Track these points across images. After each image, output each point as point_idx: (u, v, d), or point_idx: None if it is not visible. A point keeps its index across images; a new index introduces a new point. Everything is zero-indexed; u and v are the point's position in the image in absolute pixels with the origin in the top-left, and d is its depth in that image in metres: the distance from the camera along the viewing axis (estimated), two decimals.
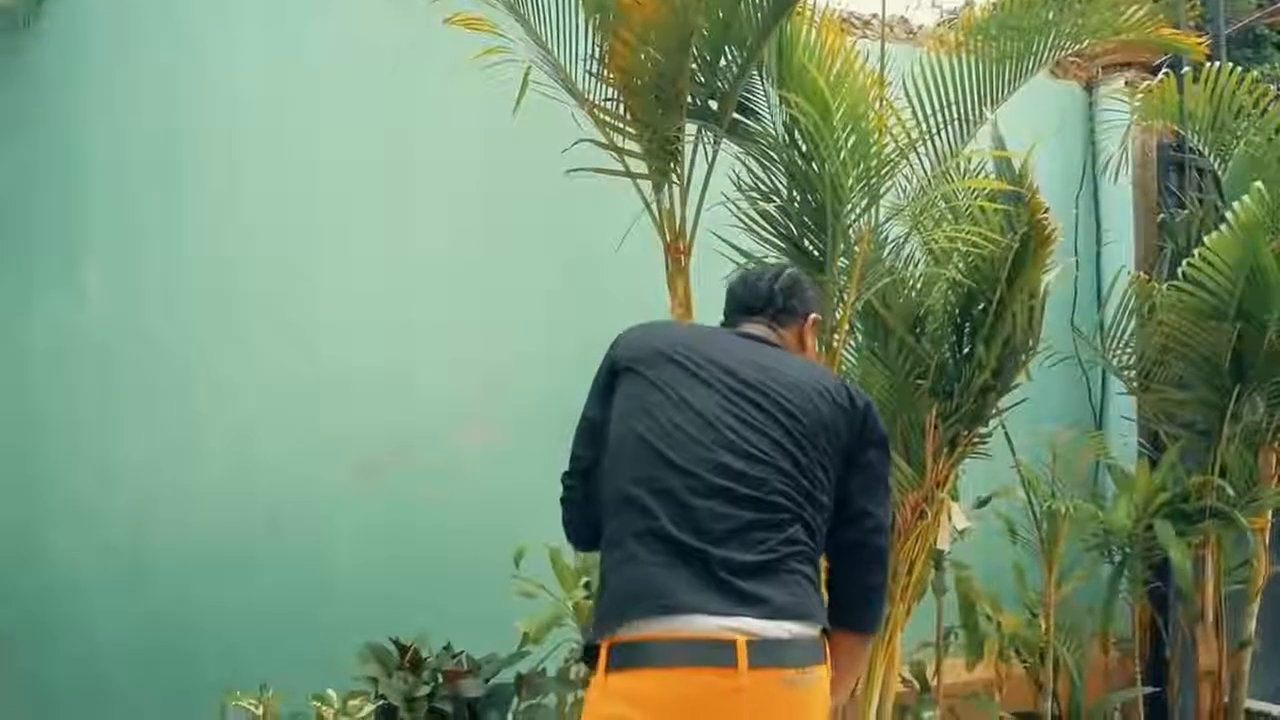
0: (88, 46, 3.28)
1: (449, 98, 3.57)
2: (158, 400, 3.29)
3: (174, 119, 3.35)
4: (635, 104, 2.93)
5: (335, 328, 3.50)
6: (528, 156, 3.48)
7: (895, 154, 3.10)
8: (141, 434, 3.26)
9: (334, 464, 3.45)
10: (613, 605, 1.61)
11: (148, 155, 3.32)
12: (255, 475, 3.36)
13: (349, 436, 3.49)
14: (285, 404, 3.42)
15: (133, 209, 3.30)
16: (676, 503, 1.63)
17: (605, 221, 3.13)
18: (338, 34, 3.55)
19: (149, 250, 3.31)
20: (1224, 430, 4.14)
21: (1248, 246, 3.76)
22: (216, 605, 3.26)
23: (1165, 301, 3.95)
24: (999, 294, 3.06)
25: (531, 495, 3.61)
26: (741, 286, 2.09)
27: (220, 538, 3.29)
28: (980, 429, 3.19)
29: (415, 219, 3.63)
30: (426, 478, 3.55)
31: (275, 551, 3.34)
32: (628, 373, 1.85)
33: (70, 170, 3.25)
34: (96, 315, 3.24)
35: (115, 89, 3.30)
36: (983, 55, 3.27)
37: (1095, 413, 4.98)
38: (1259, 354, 4.01)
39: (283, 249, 3.45)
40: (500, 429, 3.66)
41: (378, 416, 3.54)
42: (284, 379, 3.43)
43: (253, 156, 3.43)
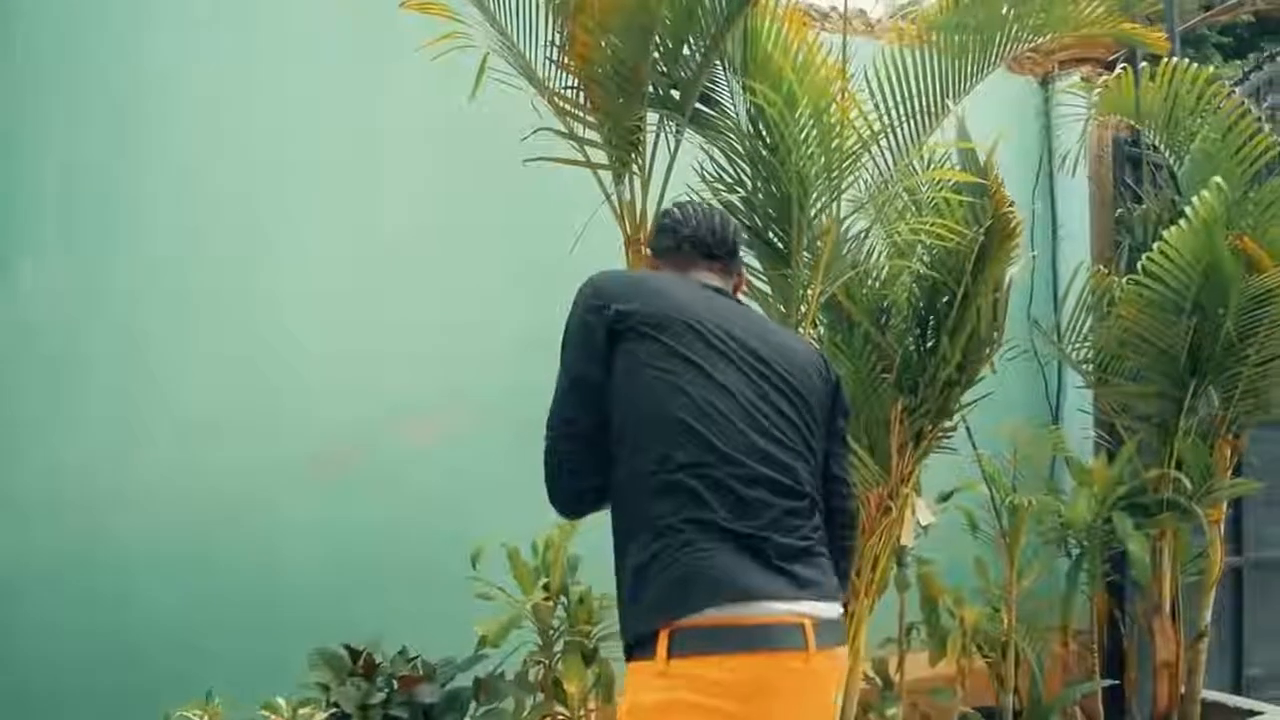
0: (37, 27, 3.14)
1: (406, 85, 3.48)
2: (101, 397, 3.16)
3: (119, 116, 3.21)
4: (596, 92, 2.87)
5: (288, 322, 3.39)
6: (485, 146, 3.40)
7: (858, 146, 3.07)
8: (83, 432, 3.13)
9: (286, 461, 3.34)
10: (675, 592, 1.58)
11: (94, 149, 3.17)
12: (203, 473, 3.24)
13: (302, 433, 3.38)
14: (236, 400, 3.31)
15: (78, 201, 3.17)
16: (729, 491, 1.64)
17: (565, 214, 3.05)
18: (288, 15, 3.43)
19: (94, 245, 3.18)
20: (1180, 423, 4.17)
21: (1206, 241, 3.79)
22: (161, 610, 3.14)
23: (1124, 295, 3.96)
24: (963, 287, 3.03)
25: (490, 493, 3.59)
26: (706, 229, 1.99)
27: (165, 539, 3.17)
28: (945, 423, 3.16)
29: (370, 210, 3.53)
30: (382, 476, 3.45)
31: (223, 552, 3.23)
32: (639, 336, 1.73)
33: (8, 163, 3.10)
34: (40, 311, 3.10)
35: (60, 78, 3.16)
36: (944, 48, 3.24)
37: (1052, 406, 5.01)
38: (1215, 348, 4.04)
39: (234, 244, 3.34)
40: (458, 425, 3.57)
41: (332, 413, 3.44)
42: (235, 375, 3.31)
43: (202, 149, 3.31)
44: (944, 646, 3.68)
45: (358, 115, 3.51)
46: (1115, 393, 4.26)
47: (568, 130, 2.92)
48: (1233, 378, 4.18)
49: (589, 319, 1.76)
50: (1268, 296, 3.93)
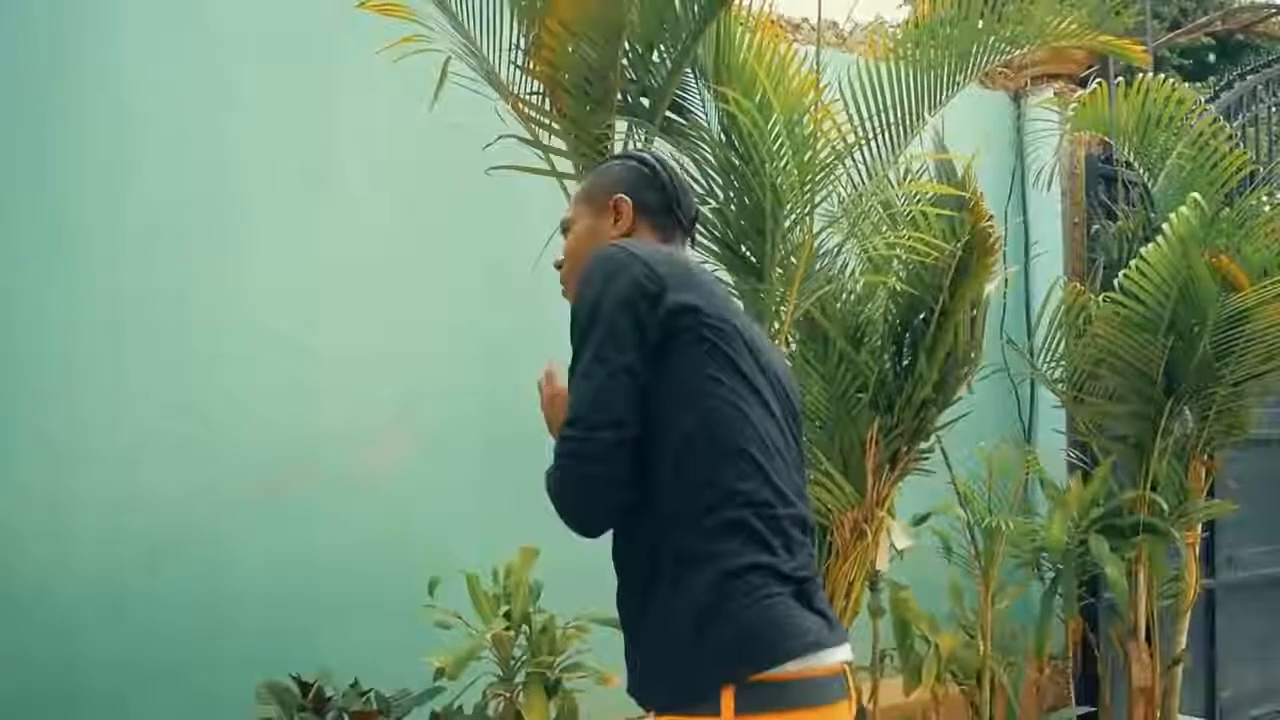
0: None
1: (364, 89, 3.35)
2: (33, 418, 2.98)
3: (54, 111, 3.05)
4: (562, 99, 2.75)
5: (235, 334, 3.24)
6: (446, 154, 3.28)
7: (832, 158, 2.99)
8: (14, 457, 2.95)
9: (232, 483, 3.19)
10: (747, 642, 1.40)
11: (26, 151, 3.01)
12: (145, 497, 3.07)
13: (249, 453, 3.23)
14: (179, 419, 3.15)
15: (7, 208, 2.99)
16: (784, 533, 1.49)
17: (530, 223, 2.93)
18: (240, 14, 3.29)
19: (31, 253, 3.00)
20: (1156, 443, 4.11)
21: (1182, 259, 3.74)
22: (100, 644, 2.96)
23: (1099, 313, 3.90)
24: (941, 304, 2.95)
25: (449, 516, 3.46)
26: (687, 201, 1.74)
27: (105, 568, 3.00)
28: (921, 445, 3.06)
29: (324, 217, 3.39)
30: (334, 497, 3.30)
31: (167, 582, 3.06)
32: (698, 341, 1.46)
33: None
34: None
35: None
36: (919, 60, 3.17)
37: (1024, 426, 4.94)
38: (1190, 367, 4.00)
39: (179, 251, 3.18)
40: (415, 444, 3.44)
41: (283, 433, 3.29)
42: (179, 391, 3.15)
43: (147, 152, 3.16)
44: (918, 674, 3.57)
45: (311, 121, 3.38)
46: (1090, 412, 4.20)
47: (533, 138, 2.80)
48: (1208, 397, 4.14)
49: (639, 303, 1.45)
50: (1244, 315, 3.89)
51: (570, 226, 1.74)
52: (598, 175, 1.77)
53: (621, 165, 1.75)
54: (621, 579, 1.53)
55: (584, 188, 1.77)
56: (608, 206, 1.68)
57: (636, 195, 1.68)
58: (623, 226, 1.66)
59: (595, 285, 1.48)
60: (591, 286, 1.48)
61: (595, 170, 1.81)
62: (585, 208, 1.72)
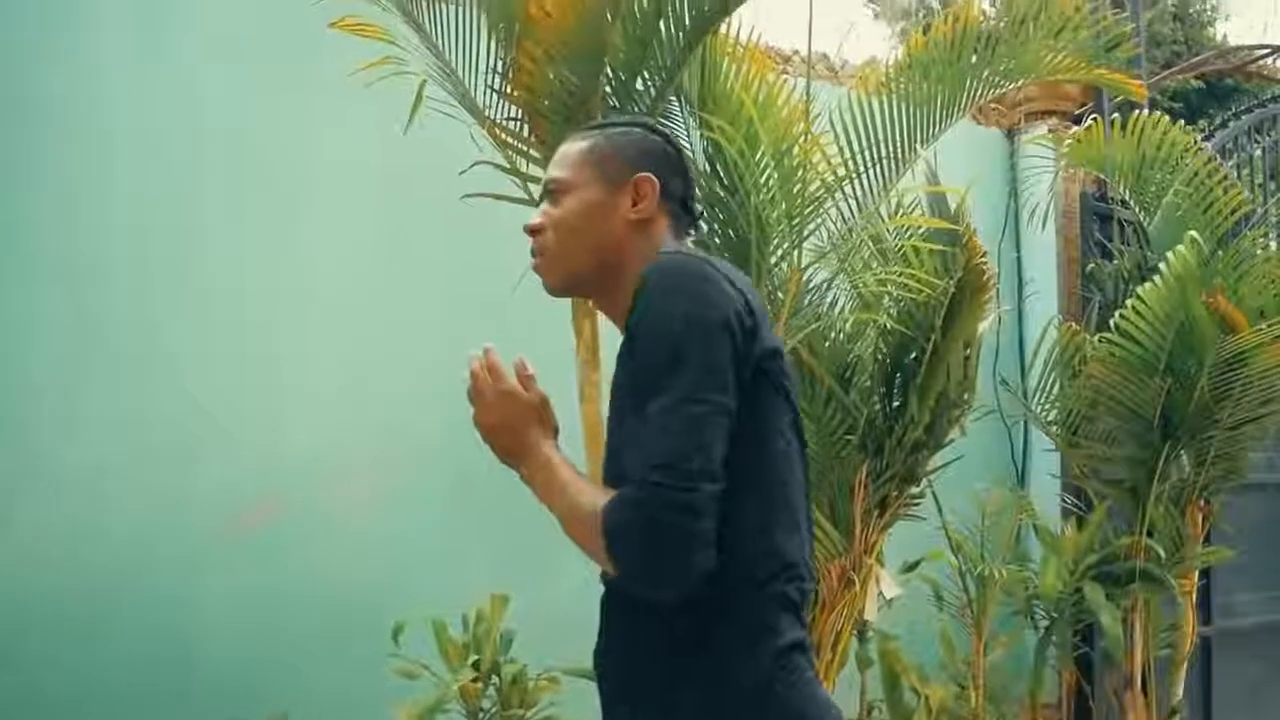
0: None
1: (335, 113, 3.25)
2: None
3: (8, 133, 2.93)
4: (541, 125, 2.65)
5: (204, 361, 3.13)
6: (420, 180, 3.18)
7: (821, 191, 2.90)
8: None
9: (197, 516, 3.06)
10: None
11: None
12: (105, 529, 2.95)
13: (212, 485, 3.10)
14: (144, 447, 3.03)
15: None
16: (807, 607, 1.36)
17: (507, 253, 2.81)
18: (209, 38, 3.19)
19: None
20: (1153, 488, 4.00)
21: (1179, 299, 3.64)
22: (57, 683, 2.82)
23: (1095, 354, 3.79)
24: (933, 342, 2.84)
25: (419, 557, 3.32)
26: (690, 182, 1.47)
27: (63, 603, 2.87)
28: (912, 489, 2.94)
29: (297, 243, 3.29)
30: (302, 535, 3.18)
31: (127, 620, 2.94)
32: (774, 391, 1.28)
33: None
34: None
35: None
36: (912, 93, 3.08)
37: (1018, 469, 4.82)
38: (1187, 410, 3.89)
39: (140, 279, 3.08)
40: (388, 481, 3.31)
41: (252, 466, 3.16)
42: (140, 420, 3.03)
43: (116, 171, 3.05)
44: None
45: (281, 146, 3.28)
46: (1086, 456, 4.08)
47: (510, 165, 2.69)
48: (1205, 441, 4.03)
49: (737, 336, 1.22)
50: (1241, 358, 3.79)
51: (562, 190, 1.40)
52: (611, 139, 1.42)
53: (643, 136, 1.44)
54: (631, 637, 1.30)
55: (590, 148, 1.41)
56: (627, 183, 1.38)
57: (662, 178, 1.39)
58: (642, 212, 1.37)
59: (681, 304, 1.21)
60: (676, 304, 1.22)
61: (604, 128, 1.46)
62: (592, 174, 1.39)
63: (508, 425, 1.32)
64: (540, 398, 1.34)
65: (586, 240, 1.37)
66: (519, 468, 1.33)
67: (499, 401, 1.32)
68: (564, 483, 1.28)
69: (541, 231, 1.40)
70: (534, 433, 1.32)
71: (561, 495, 1.27)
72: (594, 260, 1.38)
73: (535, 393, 1.33)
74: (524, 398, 1.32)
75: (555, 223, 1.39)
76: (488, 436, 1.33)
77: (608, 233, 1.37)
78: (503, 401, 1.32)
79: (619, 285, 1.35)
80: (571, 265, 1.39)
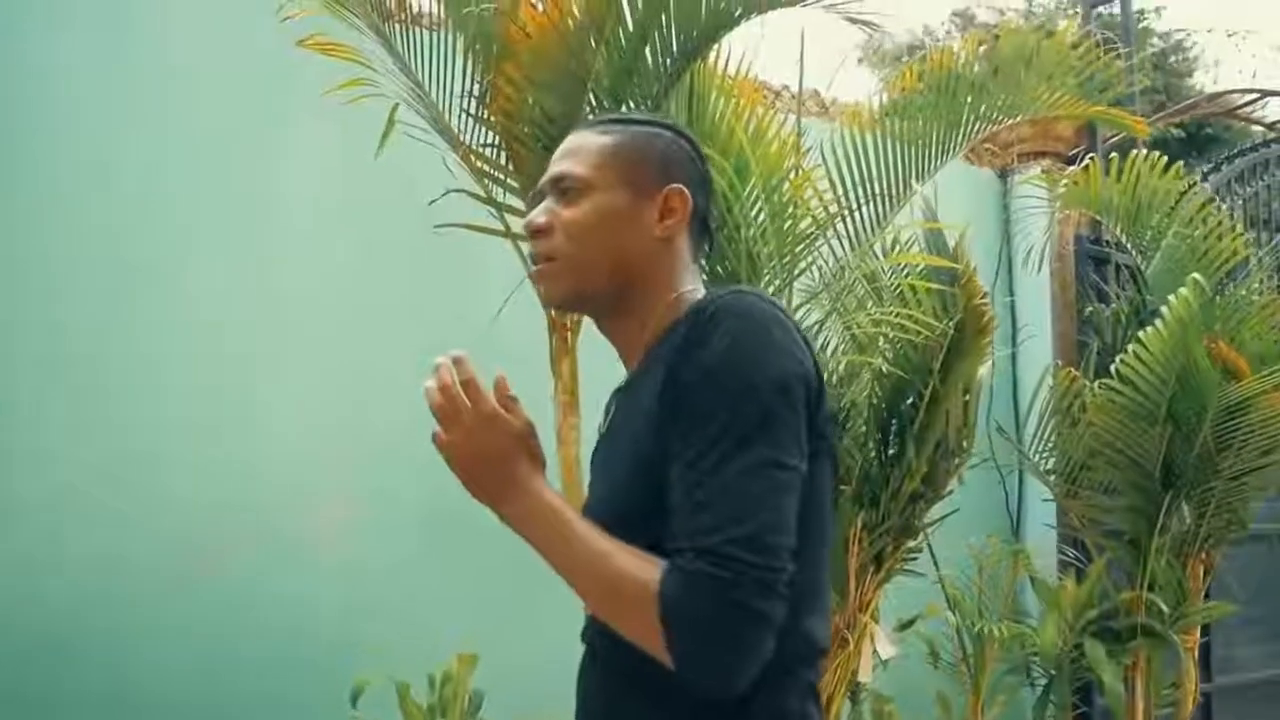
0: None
1: (303, 138, 3.11)
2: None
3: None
4: (519, 152, 2.50)
5: (162, 389, 2.95)
6: (390, 209, 3.04)
7: (812, 228, 2.77)
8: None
9: (148, 557, 2.87)
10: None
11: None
12: (55, 567, 2.76)
13: (173, 523, 2.91)
14: (96, 480, 2.84)
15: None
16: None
17: (481, 286, 2.67)
18: (170, 60, 3.04)
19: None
20: (1154, 540, 3.85)
21: (1180, 344, 3.52)
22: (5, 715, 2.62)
23: (1095, 401, 3.66)
24: (931, 387, 2.69)
25: (382, 609, 3.12)
26: (711, 198, 1.31)
27: (14, 639, 2.67)
28: (908, 543, 2.78)
29: (262, 273, 3.13)
30: (257, 582, 2.99)
31: (70, 669, 2.74)
32: (825, 456, 1.13)
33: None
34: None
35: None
36: (903, 134, 2.97)
37: (1012, 520, 4.67)
38: (1189, 459, 3.76)
39: (109, 298, 2.92)
40: (351, 526, 3.14)
41: (205, 506, 2.97)
42: (99, 455, 2.86)
43: (76, 193, 2.90)
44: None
45: (246, 171, 3.13)
46: (1085, 506, 3.94)
47: (485, 194, 2.54)
48: (1206, 491, 3.90)
49: (808, 396, 1.08)
50: (1244, 405, 3.68)
51: (580, 189, 1.19)
52: (638, 139, 1.23)
53: (673, 140, 1.25)
54: (620, 714, 1.14)
55: (615, 146, 1.21)
56: (655, 194, 1.20)
57: (691, 192, 1.21)
58: (670, 230, 1.19)
59: (768, 355, 1.05)
60: (761, 353, 1.05)
61: (626, 124, 1.25)
62: (617, 176, 1.20)
63: (491, 456, 1.09)
64: (527, 424, 1.11)
65: (605, 252, 1.18)
66: (503, 508, 1.10)
67: (480, 427, 1.08)
68: (578, 536, 1.06)
69: (549, 233, 1.19)
70: (523, 467, 1.10)
71: (576, 552, 1.06)
72: (610, 276, 1.19)
73: (521, 418, 1.11)
74: (511, 424, 1.09)
75: (569, 226, 1.19)
76: (465, 469, 1.10)
77: (629, 247, 1.19)
78: (484, 427, 1.08)
79: (633, 308, 1.19)
80: (585, 278, 1.19)
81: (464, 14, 2.37)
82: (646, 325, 1.18)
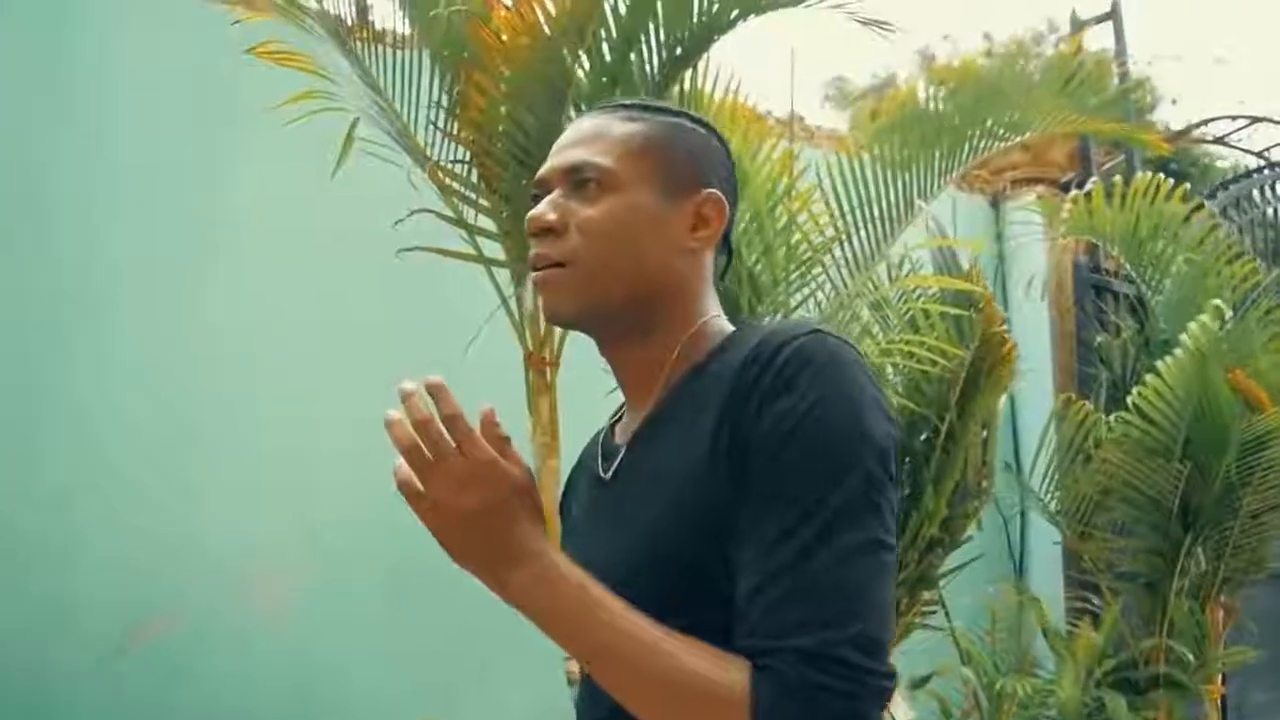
0: None
1: (257, 154, 2.87)
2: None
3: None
4: (491, 168, 2.27)
5: (99, 441, 2.70)
6: (354, 231, 2.80)
7: (809, 253, 2.56)
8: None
9: (78, 628, 2.60)
10: None
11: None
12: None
13: (101, 593, 2.64)
14: (24, 542, 2.57)
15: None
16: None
17: (450, 317, 2.42)
18: (111, 75, 2.80)
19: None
20: (1173, 583, 3.62)
21: (1198, 375, 3.32)
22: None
23: (1110, 436, 3.44)
24: (947, 422, 2.45)
25: (346, 678, 2.83)
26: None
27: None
28: (925, 594, 2.53)
29: (209, 305, 2.90)
30: (208, 653, 2.74)
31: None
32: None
33: None
34: None
35: None
36: (901, 155, 2.77)
37: (1016, 563, 4.43)
38: (1208, 496, 3.55)
39: (38, 332, 2.66)
40: (309, 589, 2.85)
41: (149, 569, 2.71)
42: (20, 519, 2.58)
43: (5, 221, 2.66)
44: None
45: (193, 196, 2.91)
46: (1099, 548, 3.71)
47: (455, 214, 2.30)
48: (1224, 531, 3.68)
49: (894, 475, 0.90)
50: (1265, 438, 3.46)
51: (603, 183, 0.97)
52: (669, 131, 1.00)
53: (709, 139, 1.03)
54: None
55: (645, 136, 0.99)
56: (689, 198, 0.98)
57: (728, 200, 1.01)
58: (700, 242, 0.98)
59: (871, 413, 0.87)
60: (863, 411, 0.86)
61: (651, 111, 1.02)
62: (648, 172, 0.98)
63: (487, 515, 0.85)
64: (527, 472, 0.88)
65: (630, 260, 0.96)
66: (503, 579, 0.86)
67: (472, 478, 0.84)
68: (613, 614, 0.84)
69: (560, 233, 0.96)
70: (525, 526, 0.87)
71: (612, 636, 0.84)
72: (631, 291, 0.97)
73: (520, 464, 0.88)
74: (510, 473, 0.86)
75: (587, 225, 0.96)
76: (452, 531, 0.86)
77: (654, 259, 0.97)
78: (478, 479, 0.84)
79: (652, 330, 0.98)
80: (602, 290, 0.96)
81: (430, 17, 2.14)
82: (667, 353, 0.98)
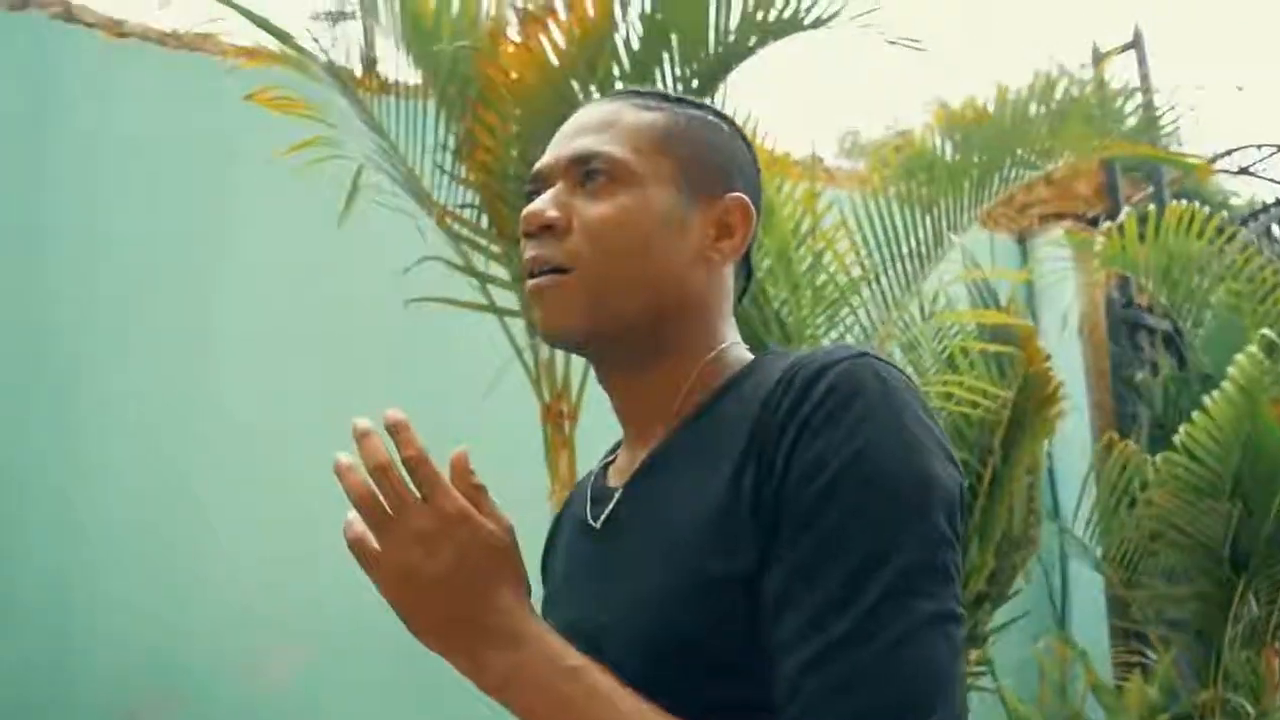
0: None
1: (259, 203, 2.80)
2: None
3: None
4: (502, 211, 2.16)
5: (87, 514, 2.59)
6: (359, 283, 2.70)
7: (835, 292, 2.46)
8: None
9: (74, 716, 2.48)
10: None
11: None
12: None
13: (105, 676, 2.50)
14: (13, 624, 2.46)
15: None
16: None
17: (460, 371, 2.30)
18: (109, 118, 2.73)
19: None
20: (1227, 630, 3.44)
21: (1247, 411, 3.17)
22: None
23: (1158, 478, 3.28)
24: (991, 468, 2.30)
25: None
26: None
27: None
28: (973, 652, 2.36)
29: (208, 367, 2.82)
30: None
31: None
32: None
33: None
34: None
35: None
36: (924, 192, 2.67)
37: (1057, 611, 4.23)
38: (1259, 539, 3.38)
39: (32, 396, 2.56)
40: (316, 663, 2.70)
41: (145, 648, 2.58)
42: (12, 587, 2.49)
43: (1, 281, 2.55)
44: None
45: (191, 248, 2.83)
46: (1147, 596, 3.54)
47: (464, 261, 2.18)
48: (1278, 574, 3.51)
49: (958, 540, 0.76)
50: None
51: (617, 177, 0.81)
52: (692, 125, 0.84)
53: (735, 137, 0.87)
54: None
55: (665, 128, 0.83)
56: (713, 203, 0.83)
57: (756, 207, 0.86)
58: (724, 253, 0.83)
59: (911, 457, 0.71)
60: (901, 452, 0.70)
61: (671, 102, 0.86)
62: (669, 168, 0.82)
63: (457, 581, 0.71)
64: (508, 529, 0.74)
65: (642, 268, 0.80)
66: (478, 660, 0.72)
67: (442, 534, 0.71)
68: (614, 710, 0.70)
69: (561, 232, 0.80)
70: (505, 597, 0.73)
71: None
72: (644, 305, 0.80)
73: (500, 520, 0.74)
74: (485, 530, 0.72)
75: (594, 225, 0.80)
76: (409, 597, 0.72)
77: (672, 268, 0.81)
78: (446, 535, 0.71)
79: (665, 353, 0.82)
80: (610, 302, 0.80)
81: (434, 52, 2.04)
82: (679, 381, 0.82)
